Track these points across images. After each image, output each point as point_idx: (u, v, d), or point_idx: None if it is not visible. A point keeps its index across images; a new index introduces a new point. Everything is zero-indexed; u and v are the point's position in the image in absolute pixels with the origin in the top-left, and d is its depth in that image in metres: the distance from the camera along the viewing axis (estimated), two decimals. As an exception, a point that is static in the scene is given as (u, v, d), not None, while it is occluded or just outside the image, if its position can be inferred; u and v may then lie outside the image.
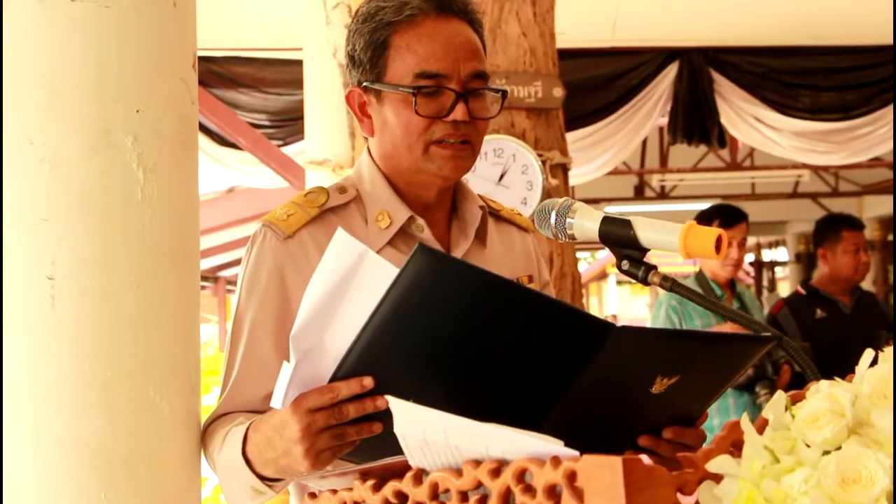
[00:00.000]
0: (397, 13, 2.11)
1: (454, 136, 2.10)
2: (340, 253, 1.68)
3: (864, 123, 8.59)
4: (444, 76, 2.09)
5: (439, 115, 2.09)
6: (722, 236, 1.81)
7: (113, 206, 1.95)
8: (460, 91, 2.09)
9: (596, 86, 8.27)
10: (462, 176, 2.17)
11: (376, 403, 1.69)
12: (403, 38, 2.11)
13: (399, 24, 2.11)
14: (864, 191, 14.59)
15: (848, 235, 5.90)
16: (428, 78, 2.08)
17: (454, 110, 2.08)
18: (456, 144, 2.10)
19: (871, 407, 1.30)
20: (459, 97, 2.09)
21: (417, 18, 2.11)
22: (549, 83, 4.75)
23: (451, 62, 2.09)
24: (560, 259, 4.72)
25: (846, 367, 1.44)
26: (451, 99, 2.09)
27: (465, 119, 2.09)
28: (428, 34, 2.11)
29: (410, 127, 2.10)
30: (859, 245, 5.89)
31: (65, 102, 1.93)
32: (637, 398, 1.69)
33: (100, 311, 1.94)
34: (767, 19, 7.98)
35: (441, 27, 2.12)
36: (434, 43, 2.10)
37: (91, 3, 1.93)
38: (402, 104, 2.10)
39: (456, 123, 2.09)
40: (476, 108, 2.12)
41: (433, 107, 2.09)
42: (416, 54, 2.10)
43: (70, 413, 1.92)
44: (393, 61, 2.11)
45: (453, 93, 2.09)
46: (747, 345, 1.78)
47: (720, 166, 11.93)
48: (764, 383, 5.43)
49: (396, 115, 2.11)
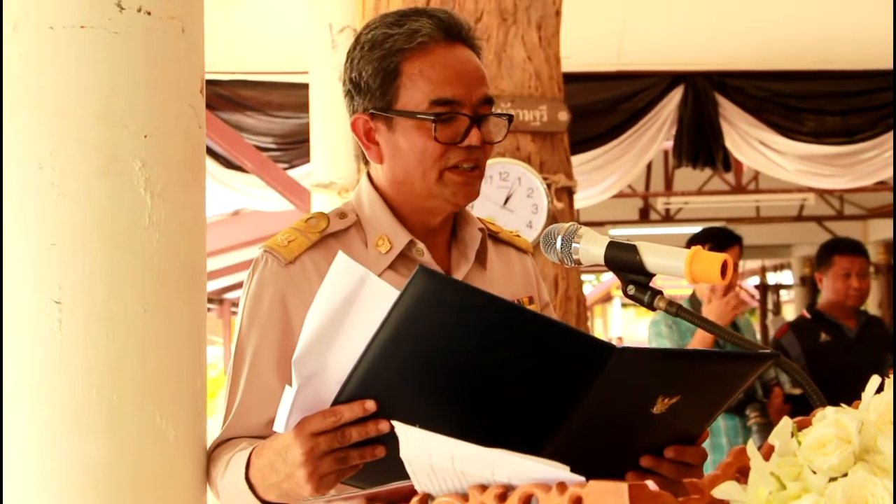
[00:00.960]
0: (408, 41, 2.12)
1: (468, 162, 2.11)
2: (341, 276, 1.68)
3: (868, 147, 8.58)
4: (458, 102, 2.10)
5: (454, 142, 2.10)
6: (728, 262, 1.82)
7: (120, 231, 1.96)
8: (473, 116, 2.11)
9: (601, 109, 8.27)
10: (472, 201, 2.18)
11: (379, 427, 1.69)
12: (416, 65, 2.12)
13: (410, 51, 2.12)
14: (869, 214, 14.58)
15: (839, 260, 5.87)
16: (444, 104, 2.09)
17: (469, 136, 2.10)
18: (468, 171, 2.12)
19: (878, 433, 1.30)
20: (473, 122, 2.11)
21: (429, 46, 2.12)
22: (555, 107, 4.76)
23: (463, 88, 2.11)
24: (565, 282, 4.72)
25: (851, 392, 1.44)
26: (464, 125, 2.10)
27: (478, 144, 2.10)
28: (440, 61, 2.12)
29: (426, 154, 2.10)
30: (850, 270, 5.84)
31: (74, 127, 1.94)
32: (639, 418, 1.69)
33: (107, 335, 1.95)
34: (772, 43, 8.00)
35: (451, 54, 2.13)
36: (447, 70, 2.11)
37: (100, 29, 1.95)
38: (417, 131, 2.11)
39: (470, 149, 2.10)
40: (486, 132, 2.14)
41: (449, 133, 2.10)
42: (430, 81, 2.10)
43: (76, 437, 1.93)
44: (405, 88, 2.12)
45: (467, 118, 2.10)
46: (746, 363, 1.78)
47: (725, 189, 11.93)
48: (754, 406, 5.41)
49: (410, 141, 2.11)
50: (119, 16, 1.96)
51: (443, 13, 2.17)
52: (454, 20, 2.16)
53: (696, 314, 1.90)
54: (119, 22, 1.96)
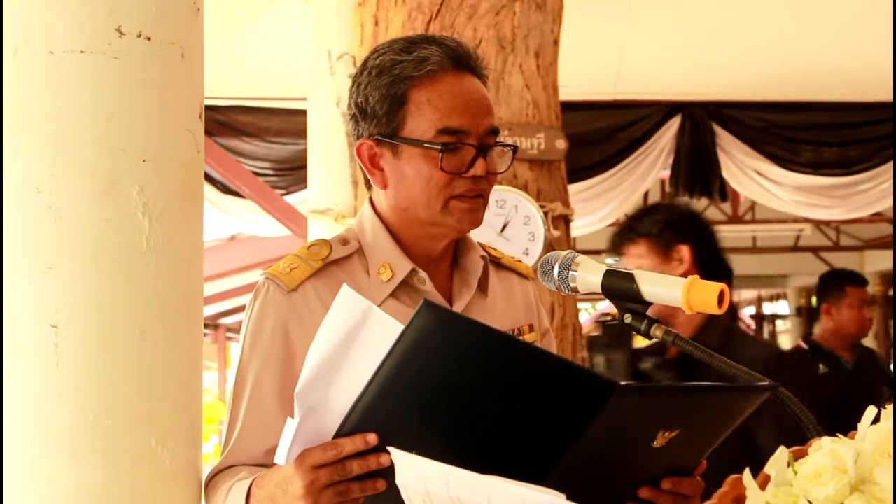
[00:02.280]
0: (417, 68, 2.12)
1: (473, 191, 2.12)
2: (345, 309, 1.68)
3: (865, 179, 8.60)
4: (465, 132, 2.10)
5: (459, 171, 2.10)
6: (724, 291, 1.82)
7: (118, 255, 1.96)
8: (479, 147, 2.11)
9: (598, 138, 8.28)
10: (476, 228, 2.18)
11: (380, 460, 1.68)
12: (423, 93, 2.11)
13: (419, 79, 2.12)
14: (866, 245, 14.60)
15: (852, 291, 5.89)
16: (450, 134, 2.09)
17: (474, 166, 2.10)
18: (473, 198, 2.12)
19: (874, 464, 1.30)
20: (479, 153, 2.11)
21: (437, 74, 2.12)
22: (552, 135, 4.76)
23: (470, 118, 2.11)
24: (561, 310, 4.71)
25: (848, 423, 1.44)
26: (470, 154, 2.10)
27: (483, 174, 2.11)
28: (448, 90, 2.12)
29: (432, 182, 2.10)
30: (864, 301, 5.87)
31: (72, 152, 1.94)
32: (639, 452, 1.69)
33: (103, 359, 1.95)
34: (769, 74, 8.02)
35: (459, 83, 2.14)
36: (455, 99, 2.11)
37: (100, 54, 1.95)
38: (423, 159, 2.10)
39: (475, 178, 2.10)
40: (491, 162, 2.14)
41: (455, 162, 2.10)
42: (437, 110, 2.10)
43: (72, 462, 1.92)
44: (412, 116, 2.11)
45: (473, 148, 2.11)
46: (746, 395, 1.78)
47: (721, 219, 11.93)
48: None
49: (416, 169, 2.11)
50: (119, 41, 1.97)
51: (452, 41, 2.17)
52: (463, 49, 2.17)
53: (693, 343, 1.89)
54: (119, 47, 1.97)
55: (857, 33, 7.37)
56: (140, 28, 1.98)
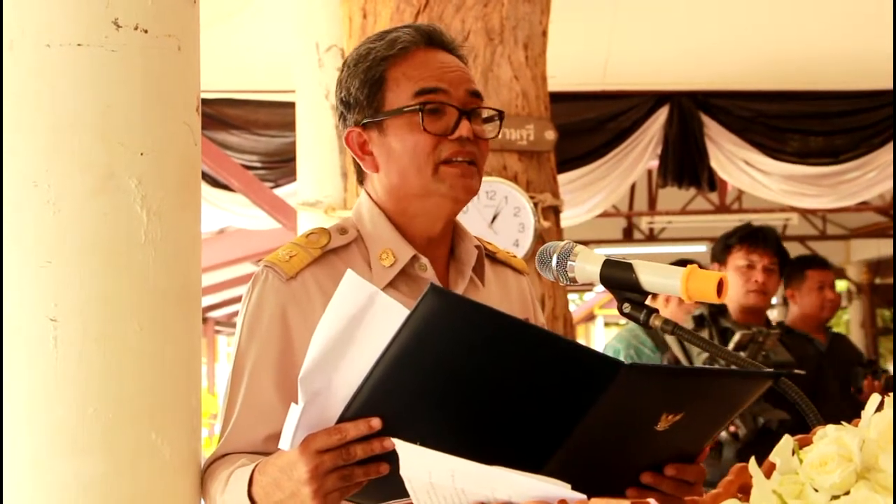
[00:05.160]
0: (389, 48, 2.17)
1: (461, 154, 2.13)
2: (350, 294, 1.68)
3: (852, 168, 8.62)
4: (444, 91, 2.14)
5: (445, 133, 2.12)
6: (724, 280, 1.82)
7: (116, 248, 1.96)
8: (461, 109, 2.13)
9: (587, 129, 8.30)
10: (471, 198, 2.18)
11: (384, 444, 1.69)
12: (399, 69, 2.16)
13: (393, 57, 2.16)
14: (852, 234, 14.64)
15: (812, 274, 5.88)
16: (428, 93, 2.13)
17: (459, 127, 2.12)
18: (464, 164, 2.13)
19: (880, 452, 1.30)
20: (462, 114, 2.13)
21: (410, 50, 2.17)
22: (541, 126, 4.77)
23: (447, 81, 2.15)
24: (552, 301, 4.72)
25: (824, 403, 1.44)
26: (454, 117, 2.13)
27: (469, 136, 2.13)
28: (422, 62, 2.17)
29: (418, 148, 2.12)
30: (824, 283, 5.88)
31: (70, 145, 1.94)
32: (642, 435, 1.70)
33: (102, 352, 1.94)
34: (757, 64, 8.04)
35: (433, 56, 2.19)
36: (429, 67, 2.16)
37: (97, 47, 1.95)
38: (407, 128, 2.13)
39: (462, 140, 2.12)
40: (478, 128, 2.17)
41: (438, 125, 2.12)
42: (412, 79, 2.15)
43: (71, 454, 1.92)
44: (391, 91, 2.16)
45: (455, 110, 2.13)
46: (749, 382, 1.79)
47: (709, 209, 11.97)
48: None
49: (402, 140, 2.14)
50: (116, 34, 1.96)
51: (425, 25, 2.23)
52: (435, 29, 2.22)
53: (694, 333, 1.90)
54: (115, 40, 1.96)
55: (844, 23, 7.39)
56: (137, 21, 1.98)
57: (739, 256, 5.05)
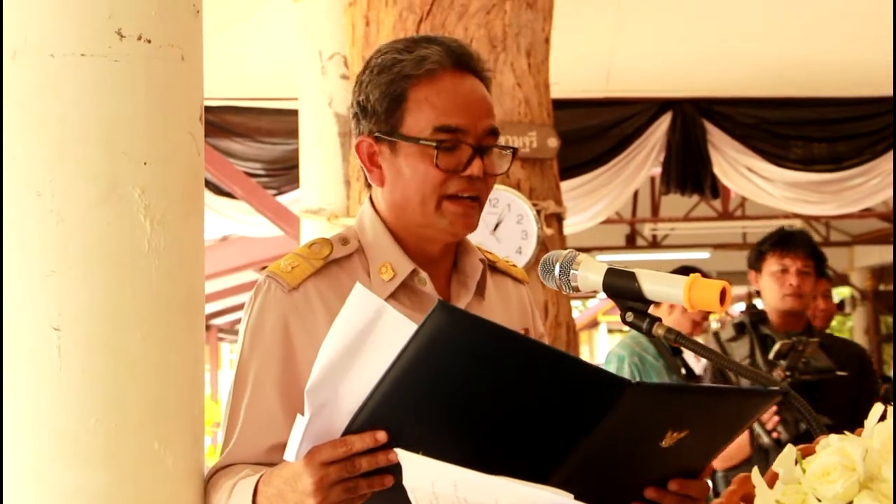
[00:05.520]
0: (416, 67, 2.12)
1: (468, 191, 2.11)
2: (358, 307, 1.68)
3: (855, 174, 8.61)
4: (463, 131, 2.10)
5: (456, 170, 2.10)
6: (726, 288, 1.82)
7: (120, 258, 1.96)
8: (476, 146, 2.11)
9: (590, 136, 8.29)
10: (470, 233, 2.18)
11: (389, 457, 1.68)
12: (422, 91, 2.12)
13: (418, 77, 2.12)
14: (855, 241, 14.62)
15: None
16: (447, 132, 2.09)
17: (471, 165, 2.10)
18: (467, 200, 2.11)
19: (882, 461, 1.30)
20: (476, 152, 2.10)
21: (437, 73, 2.12)
22: (544, 133, 4.77)
23: (469, 118, 2.11)
24: (555, 308, 4.72)
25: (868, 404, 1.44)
26: (467, 154, 2.10)
27: (479, 175, 2.10)
28: (447, 89, 2.12)
29: (427, 180, 2.10)
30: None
31: (73, 155, 1.94)
32: (647, 451, 1.70)
33: (105, 361, 1.95)
34: (760, 71, 8.03)
35: (459, 83, 2.13)
36: (453, 98, 2.11)
37: (100, 57, 1.95)
38: (419, 157, 2.10)
39: (471, 178, 2.10)
40: (488, 164, 2.14)
41: (451, 161, 2.10)
42: (435, 108, 2.10)
43: (75, 464, 1.93)
44: (410, 114, 2.12)
45: (470, 148, 2.10)
46: (755, 399, 1.79)
47: (712, 216, 11.94)
48: None
49: (412, 167, 2.11)
50: (119, 44, 1.97)
51: (453, 42, 2.17)
52: (464, 50, 2.17)
53: (698, 343, 1.90)
54: (119, 50, 1.97)
55: (847, 29, 7.39)
56: (140, 31, 1.98)
57: (773, 262, 4.93)
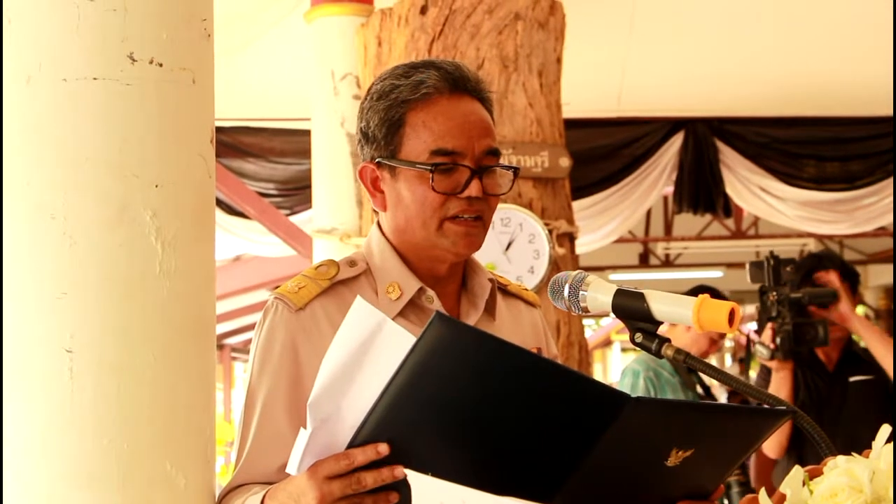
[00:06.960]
0: (413, 92, 2.14)
1: (468, 212, 2.12)
2: (359, 321, 1.69)
3: (868, 193, 8.60)
4: (459, 153, 2.11)
5: (454, 192, 2.11)
6: (735, 309, 1.82)
7: (132, 280, 1.98)
8: (474, 168, 2.12)
9: (602, 155, 8.30)
10: (474, 252, 2.19)
11: (394, 473, 1.69)
12: (419, 115, 2.13)
13: (415, 102, 2.13)
14: (869, 259, 14.59)
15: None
16: (444, 155, 2.11)
17: (469, 187, 2.10)
18: (469, 220, 2.12)
19: (889, 483, 1.30)
20: (474, 174, 2.11)
21: (433, 97, 2.14)
22: (556, 153, 4.78)
23: (465, 140, 2.12)
24: (567, 327, 4.72)
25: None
26: (465, 175, 2.11)
27: (478, 196, 2.11)
28: (443, 112, 2.13)
29: (426, 203, 2.12)
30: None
31: (85, 178, 1.96)
32: (652, 470, 1.70)
33: (117, 383, 1.96)
34: (772, 90, 8.04)
35: (455, 105, 2.15)
36: (449, 121, 2.12)
37: (112, 81, 1.97)
38: (418, 180, 2.12)
39: (470, 200, 2.11)
40: (489, 184, 2.14)
41: (448, 183, 2.11)
42: (431, 131, 2.12)
43: (87, 486, 1.93)
44: (408, 139, 2.13)
45: (468, 169, 2.11)
46: (762, 419, 1.78)
47: (725, 235, 11.93)
48: None
49: (411, 191, 2.13)
50: (131, 67, 1.98)
51: (451, 65, 2.18)
52: (461, 72, 2.17)
53: (708, 364, 1.90)
54: (131, 73, 1.98)
55: (858, 49, 7.40)
56: (152, 55, 2.00)
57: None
